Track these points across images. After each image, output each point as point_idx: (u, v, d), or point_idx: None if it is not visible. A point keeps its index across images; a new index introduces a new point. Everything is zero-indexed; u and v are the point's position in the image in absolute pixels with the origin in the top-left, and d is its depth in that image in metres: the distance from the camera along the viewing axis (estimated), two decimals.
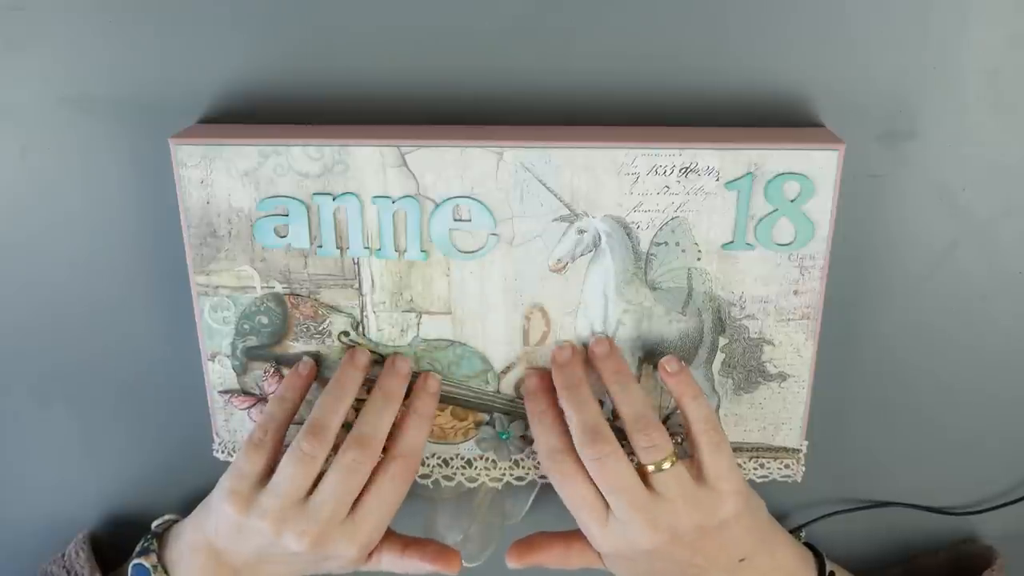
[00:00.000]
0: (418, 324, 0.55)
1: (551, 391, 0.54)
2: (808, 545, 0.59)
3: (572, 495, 0.52)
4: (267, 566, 0.55)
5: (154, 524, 0.60)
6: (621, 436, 0.54)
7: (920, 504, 0.65)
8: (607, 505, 0.51)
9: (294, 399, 0.55)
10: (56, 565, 0.61)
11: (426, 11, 0.52)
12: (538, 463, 0.59)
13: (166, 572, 0.56)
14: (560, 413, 0.53)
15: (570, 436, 0.52)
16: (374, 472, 0.53)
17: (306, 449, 0.52)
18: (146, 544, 0.57)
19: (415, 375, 0.56)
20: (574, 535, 0.55)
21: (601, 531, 0.52)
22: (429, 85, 0.53)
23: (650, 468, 0.51)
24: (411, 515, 0.63)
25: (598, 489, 0.51)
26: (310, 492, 0.52)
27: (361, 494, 0.53)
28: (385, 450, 0.54)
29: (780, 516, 0.66)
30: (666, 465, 0.50)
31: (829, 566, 0.57)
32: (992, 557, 0.63)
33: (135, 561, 0.56)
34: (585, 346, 0.55)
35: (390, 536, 0.56)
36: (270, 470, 0.53)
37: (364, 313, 0.55)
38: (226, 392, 0.58)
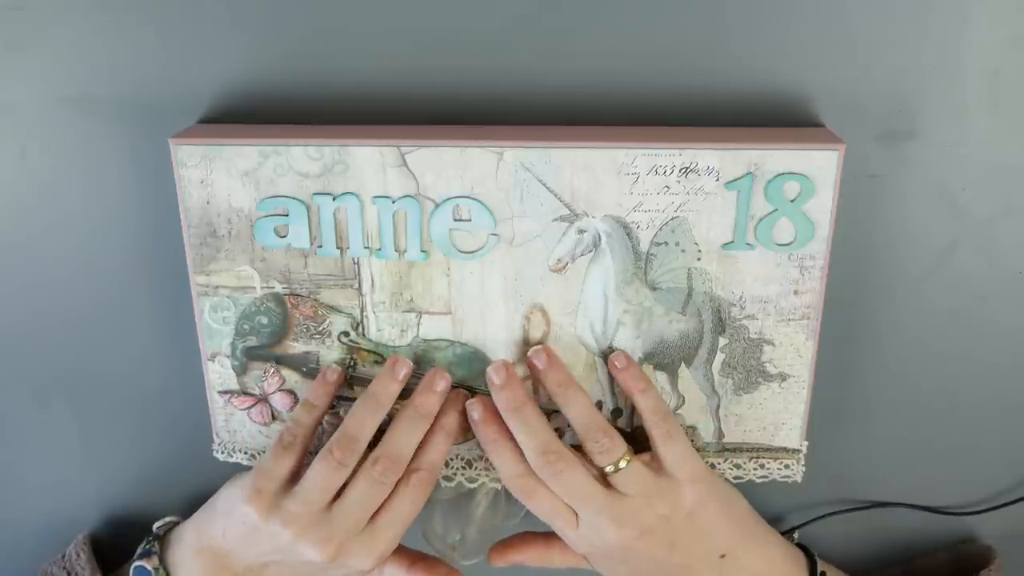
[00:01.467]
0: (418, 324, 0.55)
1: (498, 415, 0.54)
2: (800, 546, 0.59)
3: (541, 509, 0.53)
4: (272, 570, 0.55)
5: (155, 526, 0.60)
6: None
7: (919, 504, 0.65)
8: (575, 511, 0.52)
9: (322, 406, 0.55)
10: (56, 566, 0.61)
11: (426, 11, 0.52)
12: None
13: (168, 574, 0.56)
14: (511, 435, 0.53)
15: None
16: (395, 484, 0.53)
17: (338, 457, 0.52)
18: (147, 546, 0.57)
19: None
20: (554, 536, 0.55)
21: (575, 536, 0.53)
22: (429, 85, 0.53)
23: (608, 470, 0.52)
24: None
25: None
26: (333, 500, 0.52)
27: (380, 506, 0.53)
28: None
29: (779, 516, 0.66)
30: (622, 465, 0.51)
31: (821, 567, 0.57)
32: (990, 557, 0.63)
33: (136, 563, 0.56)
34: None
35: (398, 549, 0.56)
36: (295, 475, 0.53)
37: (364, 313, 0.55)
38: (226, 392, 0.58)
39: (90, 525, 0.67)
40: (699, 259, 0.53)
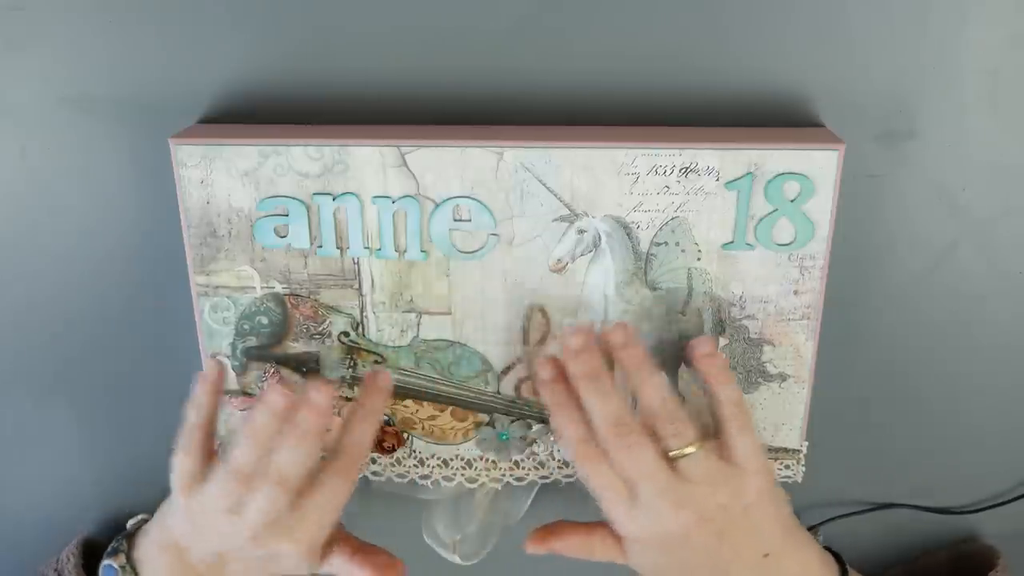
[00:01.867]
0: (418, 324, 0.55)
1: (566, 378, 0.52)
2: (828, 550, 0.59)
3: (598, 482, 0.51)
4: (230, 567, 0.54)
5: (129, 523, 0.59)
6: None
7: (920, 504, 0.65)
8: (632, 490, 0.51)
9: (209, 404, 0.53)
10: (50, 568, 0.61)
11: (426, 11, 0.52)
12: (539, 462, 0.59)
13: (135, 571, 0.56)
14: (579, 400, 0.52)
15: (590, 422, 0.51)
16: (320, 468, 0.52)
17: (233, 491, 0.51)
18: (116, 544, 0.57)
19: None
20: (596, 525, 0.54)
21: (628, 516, 0.51)
22: (429, 85, 0.54)
23: (674, 454, 0.50)
24: (410, 515, 0.63)
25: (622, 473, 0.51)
26: None
27: (305, 489, 0.52)
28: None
29: None
30: (689, 450, 0.50)
31: (851, 573, 0.57)
32: (994, 557, 0.63)
33: (105, 562, 0.56)
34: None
35: (345, 539, 0.55)
36: (211, 457, 0.53)
37: (364, 313, 0.55)
38: (226, 393, 0.58)
39: (89, 525, 0.67)
40: (699, 259, 0.53)
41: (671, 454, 0.50)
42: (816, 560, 0.55)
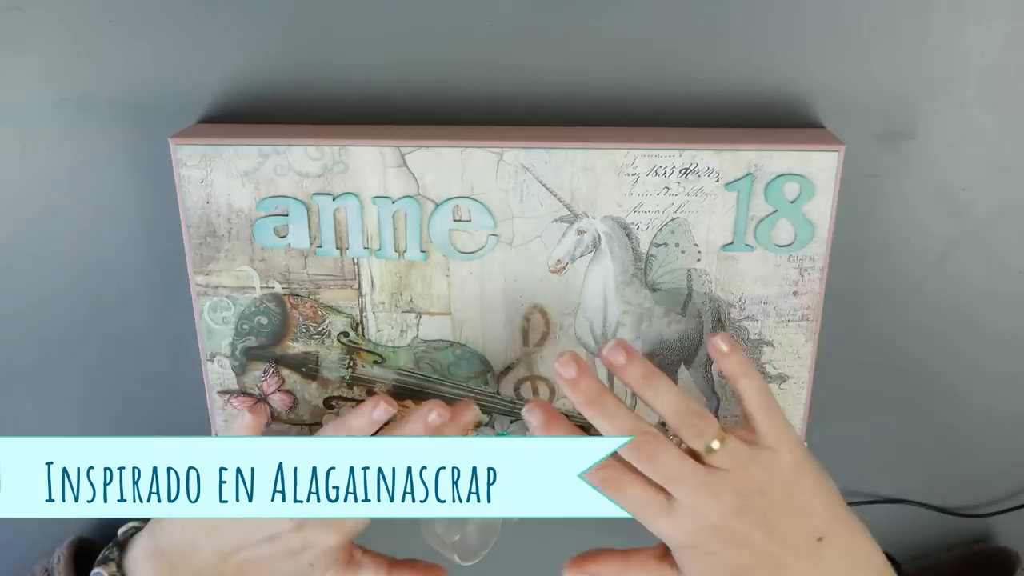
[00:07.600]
0: (417, 324, 0.55)
1: (559, 415, 0.51)
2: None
3: (630, 500, 0.49)
4: (249, 569, 0.54)
5: (120, 531, 0.59)
6: None
7: (919, 502, 0.65)
8: (668, 495, 0.49)
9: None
10: (40, 568, 0.61)
11: (426, 11, 0.52)
12: None
13: None
14: (581, 427, 0.50)
15: None
16: None
17: None
18: (107, 553, 0.57)
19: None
20: (634, 551, 0.53)
21: (670, 523, 0.49)
22: (429, 85, 0.54)
23: (702, 451, 0.49)
24: None
25: (652, 482, 0.49)
26: None
27: None
28: None
29: None
30: (715, 444, 0.48)
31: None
32: (1010, 560, 0.62)
33: (95, 570, 0.56)
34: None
35: (376, 556, 0.55)
36: None
37: (364, 314, 0.55)
38: (225, 392, 0.58)
39: (88, 527, 0.67)
40: (699, 260, 0.53)
41: (698, 451, 0.48)
42: (871, 545, 0.52)
